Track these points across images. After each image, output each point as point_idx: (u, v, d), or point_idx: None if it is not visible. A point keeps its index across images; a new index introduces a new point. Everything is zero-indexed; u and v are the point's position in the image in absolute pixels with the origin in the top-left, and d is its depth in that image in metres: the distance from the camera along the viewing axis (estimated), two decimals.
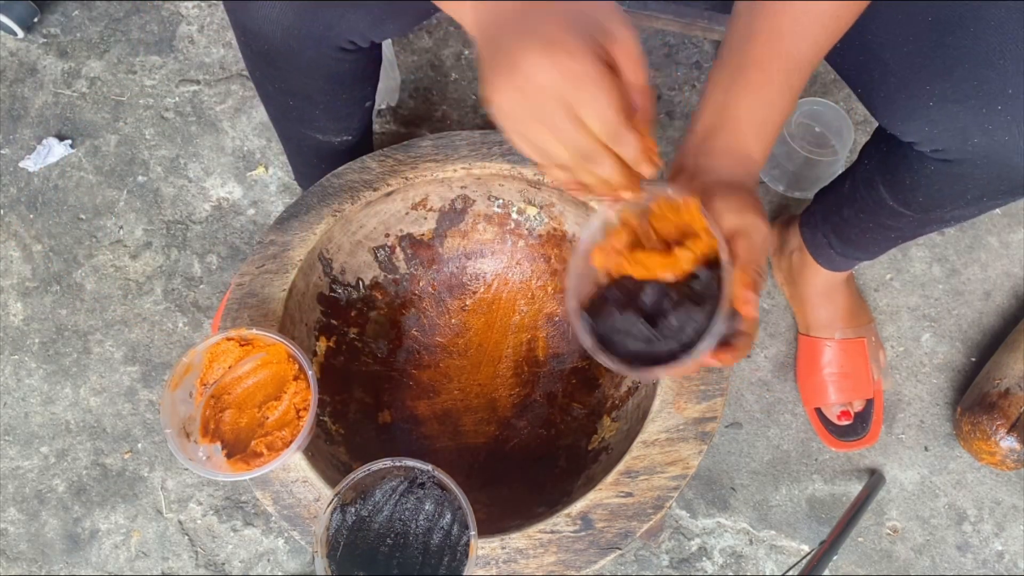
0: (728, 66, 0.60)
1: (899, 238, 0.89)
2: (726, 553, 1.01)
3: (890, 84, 0.69)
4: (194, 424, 0.69)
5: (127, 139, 1.24)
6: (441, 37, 1.29)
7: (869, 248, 0.93)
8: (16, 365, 1.13)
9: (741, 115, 0.59)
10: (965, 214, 0.79)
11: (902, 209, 0.81)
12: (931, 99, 0.66)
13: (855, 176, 0.87)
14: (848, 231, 0.92)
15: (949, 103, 0.65)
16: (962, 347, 1.09)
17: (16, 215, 1.20)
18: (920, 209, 0.80)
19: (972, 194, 0.74)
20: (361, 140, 0.96)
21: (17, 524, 1.05)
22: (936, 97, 0.66)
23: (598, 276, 0.60)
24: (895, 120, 0.70)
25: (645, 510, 0.69)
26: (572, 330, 0.92)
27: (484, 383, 0.92)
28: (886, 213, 0.84)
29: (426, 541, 0.63)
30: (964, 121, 0.65)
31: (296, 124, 0.90)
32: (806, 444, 1.05)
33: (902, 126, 0.70)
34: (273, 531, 1.04)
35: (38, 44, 1.30)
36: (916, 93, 0.67)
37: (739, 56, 0.59)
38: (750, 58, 0.59)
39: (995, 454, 0.96)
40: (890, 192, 0.81)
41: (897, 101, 0.69)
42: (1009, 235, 1.13)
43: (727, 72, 0.59)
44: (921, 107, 0.67)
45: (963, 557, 1.00)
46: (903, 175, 0.77)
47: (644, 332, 0.57)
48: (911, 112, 0.68)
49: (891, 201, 0.81)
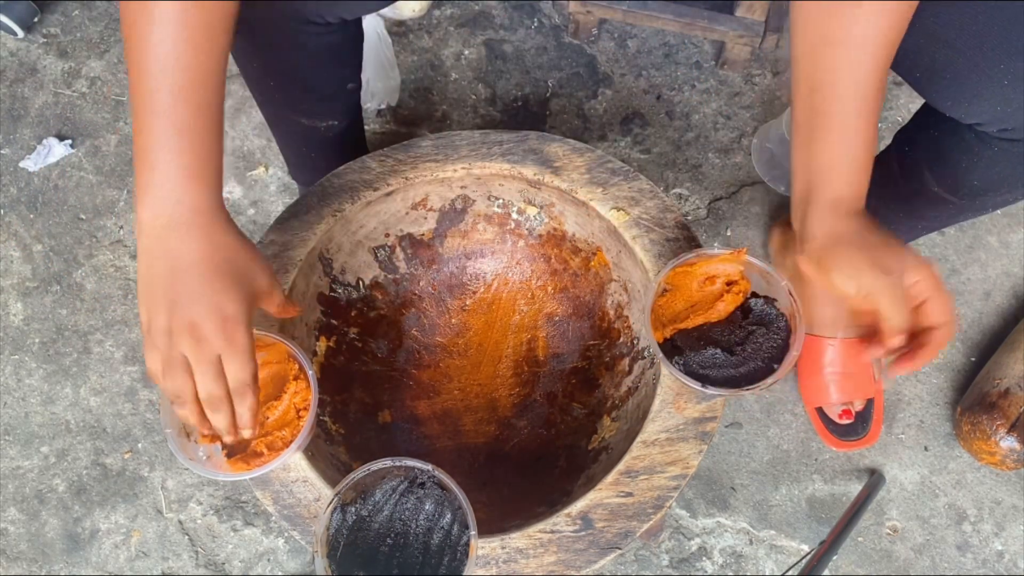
0: (800, 124, 0.62)
1: (925, 229, 0.88)
2: (726, 553, 1.01)
3: (959, 66, 0.68)
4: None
5: (127, 139, 1.24)
6: (441, 37, 1.29)
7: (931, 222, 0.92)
8: (16, 365, 1.13)
9: (830, 173, 0.61)
10: (1011, 198, 0.78)
11: (947, 195, 0.80)
12: (1006, 77, 0.65)
13: (888, 165, 0.86)
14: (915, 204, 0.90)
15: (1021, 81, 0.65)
16: (962, 347, 1.09)
17: (16, 215, 1.20)
18: (970, 194, 0.78)
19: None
20: (349, 127, 0.96)
21: (17, 524, 1.05)
22: (1011, 75, 0.65)
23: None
24: (962, 102, 0.69)
25: (645, 510, 0.69)
26: (571, 330, 0.92)
27: (484, 383, 0.92)
28: (922, 202, 0.82)
29: (426, 541, 0.63)
30: None
31: (281, 108, 0.90)
32: (806, 444, 1.05)
33: (971, 107, 0.69)
34: (273, 531, 1.04)
35: (38, 44, 1.30)
36: (990, 73, 0.66)
37: (807, 110, 0.61)
38: (817, 109, 0.61)
39: (995, 454, 0.96)
40: (937, 178, 0.79)
41: (968, 82, 0.68)
42: (1009, 235, 1.14)
43: (802, 131, 0.62)
44: (995, 86, 0.66)
45: (963, 557, 1.00)
46: (958, 158, 0.76)
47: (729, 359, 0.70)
48: (984, 92, 0.67)
49: (936, 187, 0.80)
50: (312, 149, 0.99)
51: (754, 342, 0.71)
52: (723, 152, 1.20)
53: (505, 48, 1.28)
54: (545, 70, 1.27)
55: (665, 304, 0.74)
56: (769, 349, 0.71)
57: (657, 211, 0.81)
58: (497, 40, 1.29)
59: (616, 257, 0.85)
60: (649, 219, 0.81)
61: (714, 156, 1.20)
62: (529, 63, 1.27)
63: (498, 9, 1.30)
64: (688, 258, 0.72)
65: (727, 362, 0.71)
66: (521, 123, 1.24)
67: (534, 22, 1.29)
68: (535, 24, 1.29)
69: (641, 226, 0.80)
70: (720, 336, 0.72)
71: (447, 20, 1.30)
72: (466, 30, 1.29)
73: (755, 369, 0.70)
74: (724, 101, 1.24)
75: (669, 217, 0.80)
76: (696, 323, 0.73)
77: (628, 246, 0.80)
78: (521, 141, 0.85)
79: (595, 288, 0.90)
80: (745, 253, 0.71)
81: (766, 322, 0.72)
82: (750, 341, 0.71)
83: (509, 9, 1.30)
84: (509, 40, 1.29)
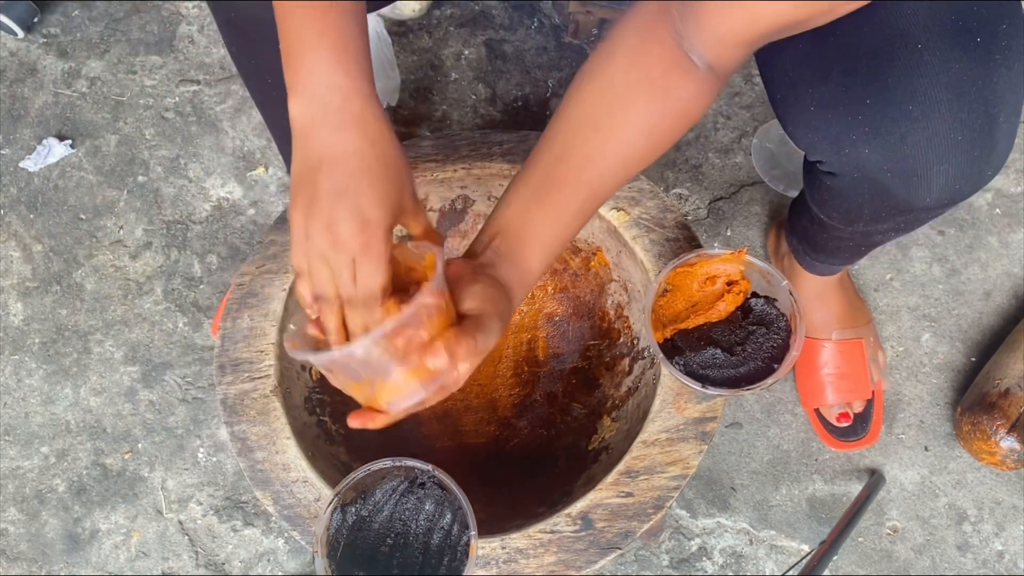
0: (535, 179, 0.61)
1: (858, 246, 0.86)
2: (726, 553, 1.01)
3: (784, 85, 0.67)
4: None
5: (127, 139, 1.24)
6: (441, 37, 1.29)
7: (838, 255, 0.91)
8: (16, 365, 1.13)
9: (534, 230, 0.61)
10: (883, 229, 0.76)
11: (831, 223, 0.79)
12: (812, 103, 0.64)
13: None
14: (814, 239, 0.91)
15: (824, 108, 0.64)
16: (962, 347, 1.09)
17: (16, 215, 1.20)
18: (842, 223, 0.77)
19: (868, 211, 0.71)
20: None
21: (17, 524, 1.05)
22: (816, 101, 0.64)
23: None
24: (786, 124, 0.68)
25: (645, 510, 0.69)
26: (572, 330, 0.92)
27: (484, 383, 0.92)
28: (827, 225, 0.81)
29: (426, 541, 0.63)
30: (836, 128, 0.63)
31: (279, 107, 0.90)
32: (806, 444, 1.05)
33: (792, 131, 0.68)
34: (273, 531, 1.04)
35: (38, 44, 1.30)
36: (802, 96, 0.65)
37: (546, 174, 0.61)
38: (557, 179, 0.61)
39: (995, 454, 0.96)
40: (816, 205, 0.78)
41: (786, 103, 0.67)
42: (1009, 235, 1.13)
43: (533, 186, 0.61)
44: (803, 111, 0.65)
45: (963, 557, 1.00)
46: (814, 189, 0.75)
47: (729, 359, 0.70)
48: (796, 116, 0.66)
49: (820, 214, 0.79)
50: None
51: (754, 342, 0.71)
52: (723, 152, 1.20)
53: (505, 48, 1.28)
54: (545, 70, 1.27)
55: (665, 304, 0.74)
56: (769, 349, 0.71)
57: (657, 211, 0.81)
58: (497, 40, 1.29)
59: (616, 257, 0.85)
60: (649, 219, 0.81)
61: (714, 156, 1.20)
62: (529, 63, 1.27)
63: (498, 9, 1.30)
64: (688, 258, 0.72)
65: (727, 362, 0.71)
66: (521, 123, 1.24)
67: (534, 22, 1.29)
68: (535, 24, 1.29)
69: (641, 226, 0.80)
70: (720, 336, 0.72)
71: (447, 20, 1.30)
72: (466, 30, 1.29)
73: (755, 369, 0.70)
74: (724, 101, 1.24)
75: (669, 217, 0.80)
76: (696, 323, 0.73)
77: (628, 246, 0.80)
78: (521, 141, 0.85)
79: (595, 288, 0.90)
80: (745, 253, 0.71)
81: (766, 322, 0.72)
82: (750, 341, 0.71)
83: (509, 9, 1.30)
84: (509, 40, 1.29)
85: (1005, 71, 0.60)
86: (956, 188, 0.65)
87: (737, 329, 0.72)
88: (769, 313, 0.72)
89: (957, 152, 0.62)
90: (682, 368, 0.70)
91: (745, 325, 0.72)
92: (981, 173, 0.65)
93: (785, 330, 0.71)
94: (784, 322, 0.72)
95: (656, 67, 0.58)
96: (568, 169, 0.60)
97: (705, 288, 0.74)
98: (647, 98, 0.58)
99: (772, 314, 0.72)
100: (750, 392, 0.79)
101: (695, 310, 0.73)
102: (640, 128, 0.59)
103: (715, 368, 0.70)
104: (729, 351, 0.71)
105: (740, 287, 0.72)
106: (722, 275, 0.73)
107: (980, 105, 0.60)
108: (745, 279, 0.73)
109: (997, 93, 0.60)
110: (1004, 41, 0.60)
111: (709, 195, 1.18)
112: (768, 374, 0.70)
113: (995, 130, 0.62)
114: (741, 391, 0.69)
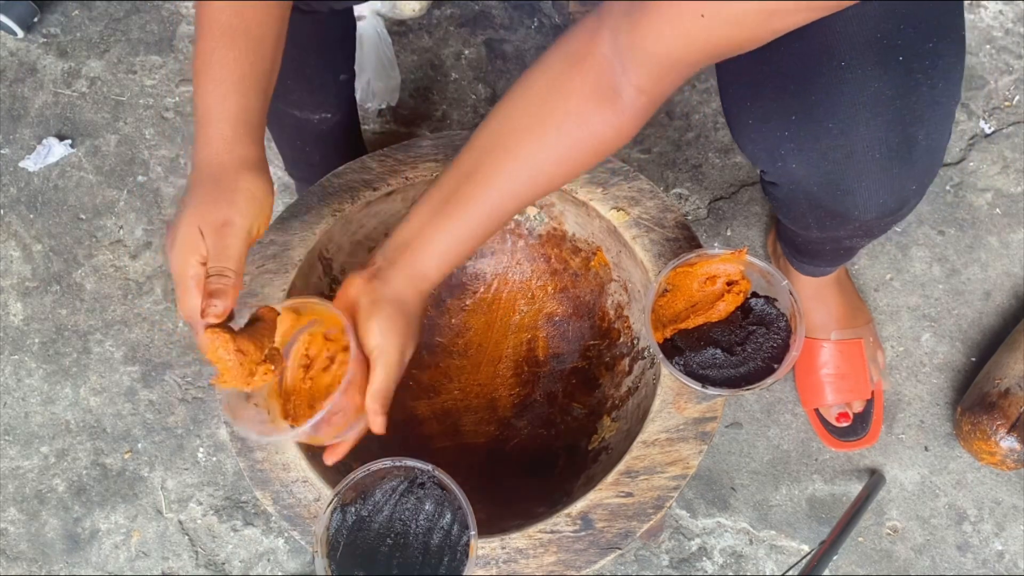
0: (441, 194, 0.63)
1: (835, 250, 0.87)
2: (726, 553, 1.01)
3: (728, 97, 0.69)
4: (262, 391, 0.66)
5: (127, 139, 1.24)
6: (441, 37, 1.29)
7: (820, 258, 0.92)
8: (16, 365, 1.13)
9: (434, 244, 0.63)
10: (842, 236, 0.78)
11: (794, 228, 0.81)
12: (750, 117, 0.66)
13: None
14: (794, 242, 0.92)
15: (760, 122, 0.65)
16: (962, 347, 1.09)
17: (16, 215, 1.20)
18: (799, 228, 0.79)
19: (812, 220, 0.73)
20: (342, 120, 0.96)
21: (17, 524, 1.05)
22: (752, 115, 0.65)
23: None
24: (733, 135, 0.70)
25: (645, 510, 0.69)
26: (571, 330, 0.92)
27: (484, 383, 0.92)
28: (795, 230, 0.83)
29: (426, 541, 0.63)
30: (770, 142, 0.65)
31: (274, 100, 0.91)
32: (806, 444, 1.05)
33: (737, 141, 0.70)
34: (273, 531, 1.04)
35: (38, 44, 1.30)
36: (743, 109, 0.66)
37: (454, 189, 0.63)
38: (463, 195, 0.62)
39: (995, 454, 0.96)
40: (775, 211, 0.81)
41: (730, 115, 0.69)
42: (1009, 235, 1.13)
43: (437, 200, 0.63)
44: (744, 124, 0.67)
45: (963, 557, 1.00)
46: (767, 197, 0.77)
47: (729, 359, 0.71)
48: (740, 129, 0.68)
49: (782, 220, 0.81)
50: (306, 143, 0.99)
51: (754, 342, 0.71)
52: (723, 152, 1.20)
53: (505, 48, 1.28)
54: None
55: (665, 304, 0.74)
56: (769, 349, 0.71)
57: (657, 211, 0.81)
58: (497, 40, 1.29)
59: (616, 257, 0.85)
60: (649, 219, 0.81)
61: (714, 156, 1.20)
62: (529, 63, 1.27)
63: (498, 9, 1.30)
64: (688, 258, 0.72)
65: (727, 362, 0.71)
66: None
67: (534, 22, 1.29)
68: (535, 24, 1.29)
69: (641, 226, 0.80)
70: (720, 336, 0.72)
71: (447, 20, 1.30)
72: (466, 30, 1.29)
73: (755, 369, 0.70)
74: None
75: (669, 217, 0.80)
76: (696, 323, 0.73)
77: (628, 246, 0.80)
78: None
79: (595, 288, 0.90)
80: (745, 253, 0.71)
81: (766, 322, 0.72)
82: (750, 341, 0.71)
83: (509, 9, 1.30)
84: (509, 40, 1.29)
85: (927, 90, 0.60)
86: (882, 203, 0.66)
87: (737, 329, 0.72)
88: (769, 313, 0.72)
89: (876, 169, 0.63)
90: (682, 368, 0.70)
91: (745, 325, 0.72)
92: (904, 188, 0.66)
93: (785, 330, 0.71)
94: (784, 322, 0.72)
95: (575, 97, 0.58)
96: (475, 186, 0.62)
97: (705, 288, 0.74)
98: (560, 129, 0.59)
99: (772, 314, 0.72)
100: (750, 392, 0.79)
101: (695, 310, 0.73)
102: (551, 157, 0.60)
103: (715, 368, 0.71)
104: (729, 351, 0.71)
105: (740, 287, 0.72)
106: (722, 275, 0.73)
107: (897, 124, 0.61)
108: (745, 279, 0.73)
109: (916, 112, 0.61)
110: (929, 60, 0.60)
111: (709, 195, 1.18)
112: (768, 374, 0.70)
113: (913, 148, 0.62)
114: (741, 391, 0.69)
